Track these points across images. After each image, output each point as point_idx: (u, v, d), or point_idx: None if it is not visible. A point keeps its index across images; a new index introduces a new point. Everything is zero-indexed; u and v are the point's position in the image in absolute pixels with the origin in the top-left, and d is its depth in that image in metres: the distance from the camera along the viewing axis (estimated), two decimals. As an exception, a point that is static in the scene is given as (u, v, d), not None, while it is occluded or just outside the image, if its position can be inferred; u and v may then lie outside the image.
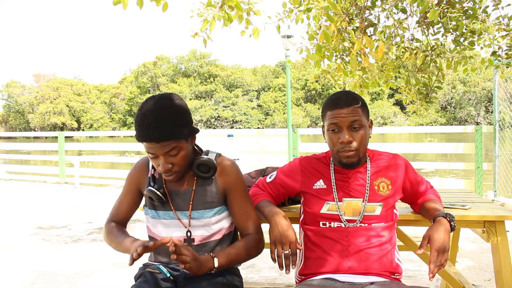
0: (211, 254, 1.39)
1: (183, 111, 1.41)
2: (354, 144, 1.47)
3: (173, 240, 1.23)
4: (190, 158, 1.47)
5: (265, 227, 1.56)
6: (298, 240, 1.48)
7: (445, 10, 2.12)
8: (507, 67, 2.58)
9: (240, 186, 1.53)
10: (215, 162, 1.49)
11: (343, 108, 1.47)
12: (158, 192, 1.46)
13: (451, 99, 50.83)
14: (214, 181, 1.52)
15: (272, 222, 1.46)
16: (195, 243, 1.50)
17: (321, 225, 1.53)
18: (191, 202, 1.49)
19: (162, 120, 1.34)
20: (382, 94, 52.62)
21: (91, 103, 68.96)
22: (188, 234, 1.49)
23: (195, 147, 1.55)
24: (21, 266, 3.44)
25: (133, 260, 1.22)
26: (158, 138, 1.34)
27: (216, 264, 1.37)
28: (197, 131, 1.49)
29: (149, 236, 1.57)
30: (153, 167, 1.56)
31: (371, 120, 1.59)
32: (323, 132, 1.57)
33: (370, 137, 1.56)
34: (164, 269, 1.50)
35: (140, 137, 1.37)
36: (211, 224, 1.50)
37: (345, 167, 1.53)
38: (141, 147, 9.19)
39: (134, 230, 4.59)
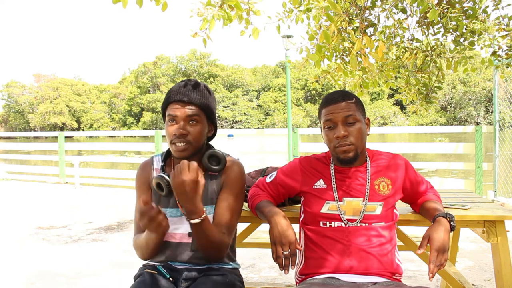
0: (205, 210, 1.38)
1: (214, 99, 1.57)
2: (350, 138, 1.48)
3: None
4: (203, 144, 1.52)
5: (265, 227, 1.55)
6: (298, 240, 1.48)
7: (445, 10, 2.12)
8: (507, 67, 2.57)
9: (237, 186, 1.53)
10: (225, 156, 1.52)
11: (336, 103, 1.50)
12: (167, 177, 1.47)
13: (451, 99, 50.84)
14: (219, 177, 1.54)
15: (272, 222, 1.46)
16: None
17: (321, 225, 1.53)
18: None
19: (198, 88, 1.50)
20: (382, 94, 52.63)
21: (91, 103, 68.99)
22: None
23: (207, 144, 1.59)
24: (21, 266, 3.44)
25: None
26: (188, 97, 1.46)
27: (201, 216, 1.36)
28: (216, 128, 1.59)
29: None
30: (162, 160, 1.57)
31: (368, 118, 1.59)
32: (321, 132, 1.57)
33: (368, 134, 1.57)
34: (163, 270, 1.50)
35: (171, 97, 1.47)
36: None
37: (344, 164, 1.53)
38: (141, 147, 9.19)
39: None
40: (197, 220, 1.36)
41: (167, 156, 1.59)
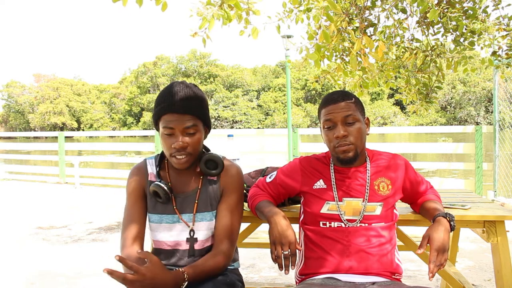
0: (180, 269, 1.33)
1: (206, 100, 1.49)
2: (350, 138, 1.48)
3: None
4: (200, 151, 1.47)
5: (265, 227, 1.55)
6: (298, 240, 1.48)
7: (445, 10, 2.12)
8: (507, 67, 2.57)
9: (237, 191, 1.52)
10: (222, 159, 1.50)
11: (336, 103, 1.50)
12: (165, 187, 1.44)
13: (451, 99, 50.86)
14: (217, 182, 1.52)
15: (271, 222, 1.46)
16: (197, 245, 1.49)
17: (321, 225, 1.53)
18: (196, 201, 1.48)
19: (190, 95, 1.41)
20: (382, 94, 52.64)
21: (91, 103, 69.00)
22: (191, 233, 1.48)
23: (203, 147, 1.56)
24: (21, 266, 3.44)
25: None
26: (183, 108, 1.38)
27: (186, 276, 1.30)
28: (210, 127, 1.53)
29: (153, 241, 1.55)
30: (157, 164, 1.53)
31: (368, 118, 1.59)
32: (321, 132, 1.57)
33: (367, 134, 1.57)
34: None
35: (164, 108, 1.39)
36: (214, 227, 1.49)
37: (344, 164, 1.53)
38: (141, 147, 9.19)
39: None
40: (184, 284, 1.30)
41: (161, 159, 1.54)
